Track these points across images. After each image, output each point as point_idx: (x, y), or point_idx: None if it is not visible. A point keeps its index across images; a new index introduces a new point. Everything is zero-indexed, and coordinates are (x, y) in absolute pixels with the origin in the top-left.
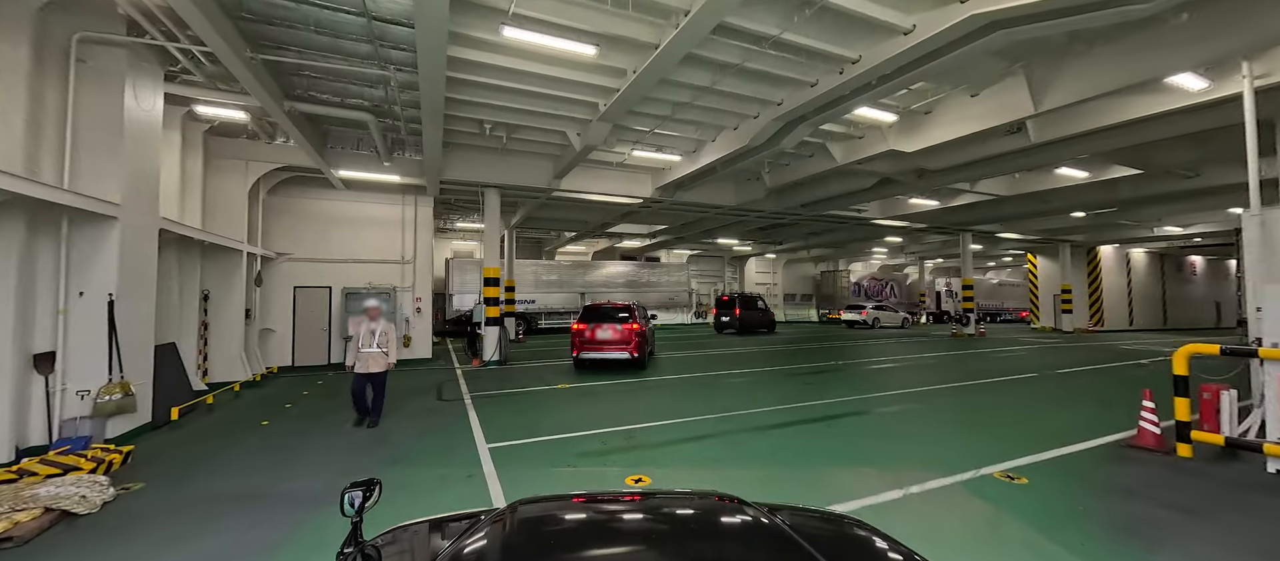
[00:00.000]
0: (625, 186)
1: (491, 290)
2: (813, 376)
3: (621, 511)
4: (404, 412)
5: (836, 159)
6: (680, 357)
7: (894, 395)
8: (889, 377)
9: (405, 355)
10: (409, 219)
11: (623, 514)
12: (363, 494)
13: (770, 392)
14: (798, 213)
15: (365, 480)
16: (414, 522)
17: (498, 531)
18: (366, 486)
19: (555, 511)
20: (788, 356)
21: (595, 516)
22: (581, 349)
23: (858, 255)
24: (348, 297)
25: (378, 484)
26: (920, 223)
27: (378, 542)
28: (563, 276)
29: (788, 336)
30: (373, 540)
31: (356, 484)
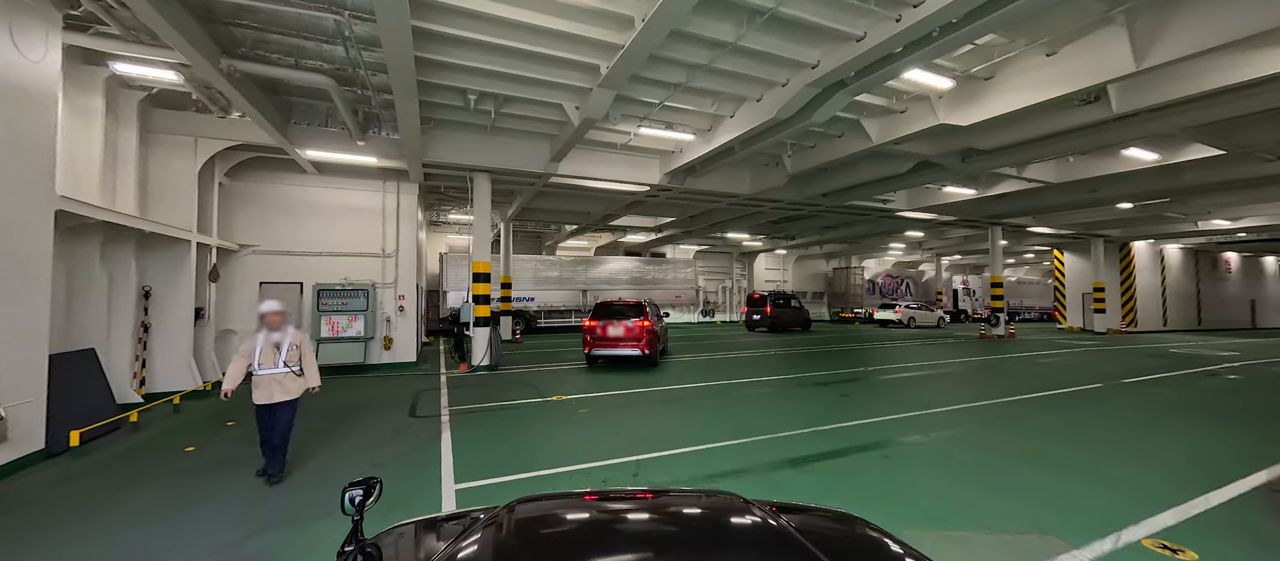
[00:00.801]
0: (631, 172)
1: (482, 287)
2: (847, 385)
3: (622, 510)
4: (360, 435)
5: (872, 138)
6: (697, 362)
7: (948, 413)
8: (933, 388)
9: (387, 359)
10: (391, 208)
11: (623, 512)
12: (363, 492)
13: (803, 408)
14: (817, 203)
15: (366, 478)
16: (414, 521)
17: (497, 531)
18: (367, 485)
19: (555, 510)
20: (816, 360)
21: (595, 515)
22: (593, 346)
23: (872, 251)
24: (320, 295)
25: (378, 482)
26: (949, 215)
27: (378, 541)
28: (564, 273)
29: (816, 337)
30: (373, 539)
31: (357, 482)
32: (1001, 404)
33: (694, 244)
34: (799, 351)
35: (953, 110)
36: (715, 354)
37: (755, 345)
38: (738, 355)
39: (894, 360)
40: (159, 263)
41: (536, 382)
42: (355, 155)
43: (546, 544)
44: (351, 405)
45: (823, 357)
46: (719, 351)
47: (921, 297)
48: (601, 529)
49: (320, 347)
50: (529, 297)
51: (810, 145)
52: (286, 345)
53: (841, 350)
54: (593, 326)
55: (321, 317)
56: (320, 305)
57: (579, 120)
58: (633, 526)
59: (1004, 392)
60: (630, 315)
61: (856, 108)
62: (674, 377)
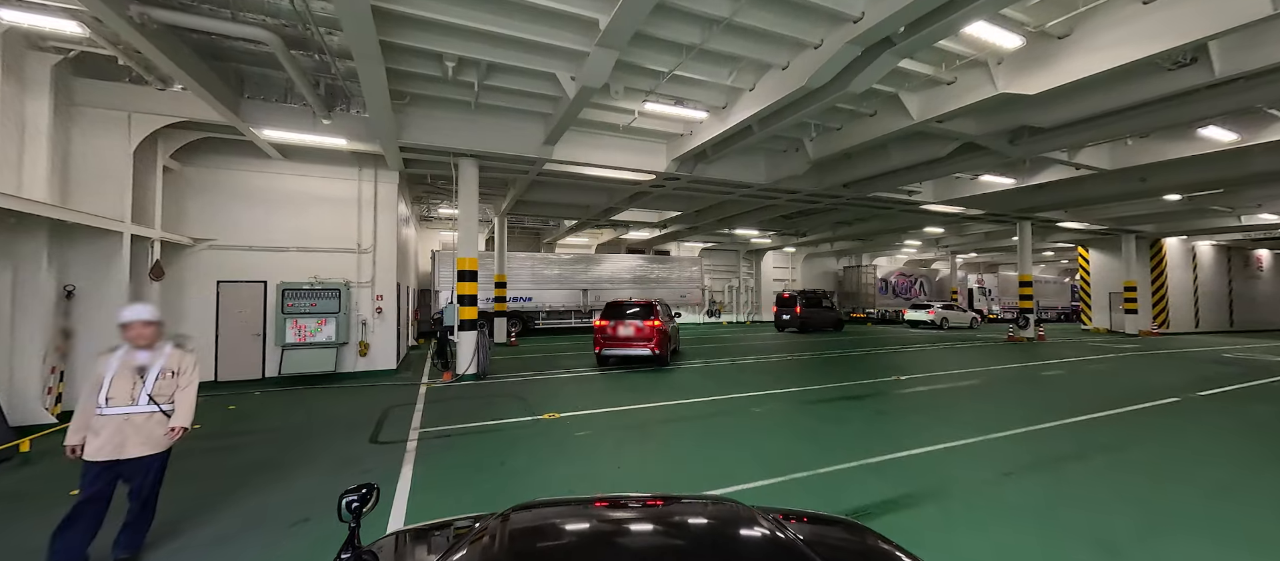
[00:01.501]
0: (635, 158)
1: (468, 286)
2: (885, 399)
3: (621, 517)
4: (298, 471)
5: (912, 115)
6: (712, 369)
7: (1012, 439)
8: (982, 403)
9: (362, 366)
10: (367, 198)
11: (622, 520)
12: (360, 499)
13: (842, 431)
14: (837, 195)
15: (363, 485)
16: (411, 528)
17: (495, 538)
18: (364, 491)
19: (554, 517)
20: (846, 366)
21: (594, 522)
22: (604, 345)
23: (885, 249)
24: (285, 296)
25: (376, 488)
26: (977, 210)
27: (375, 548)
28: (563, 271)
29: (846, 339)
30: (370, 546)
31: (354, 489)
32: (1070, 425)
33: (700, 241)
34: (827, 356)
35: (1016, 76)
36: (733, 358)
37: (777, 347)
38: (758, 360)
39: (928, 366)
40: (84, 259)
41: (528, 395)
42: (321, 136)
43: (544, 551)
44: (304, 426)
45: (853, 363)
46: (737, 356)
47: (936, 297)
48: (601, 536)
49: (285, 355)
50: (526, 297)
51: (836, 127)
52: (155, 371)
53: (872, 354)
54: (603, 326)
55: (287, 321)
56: (285, 307)
57: (575, 91)
58: (633, 534)
59: (1067, 410)
60: (641, 315)
61: (896, 79)
62: (687, 388)
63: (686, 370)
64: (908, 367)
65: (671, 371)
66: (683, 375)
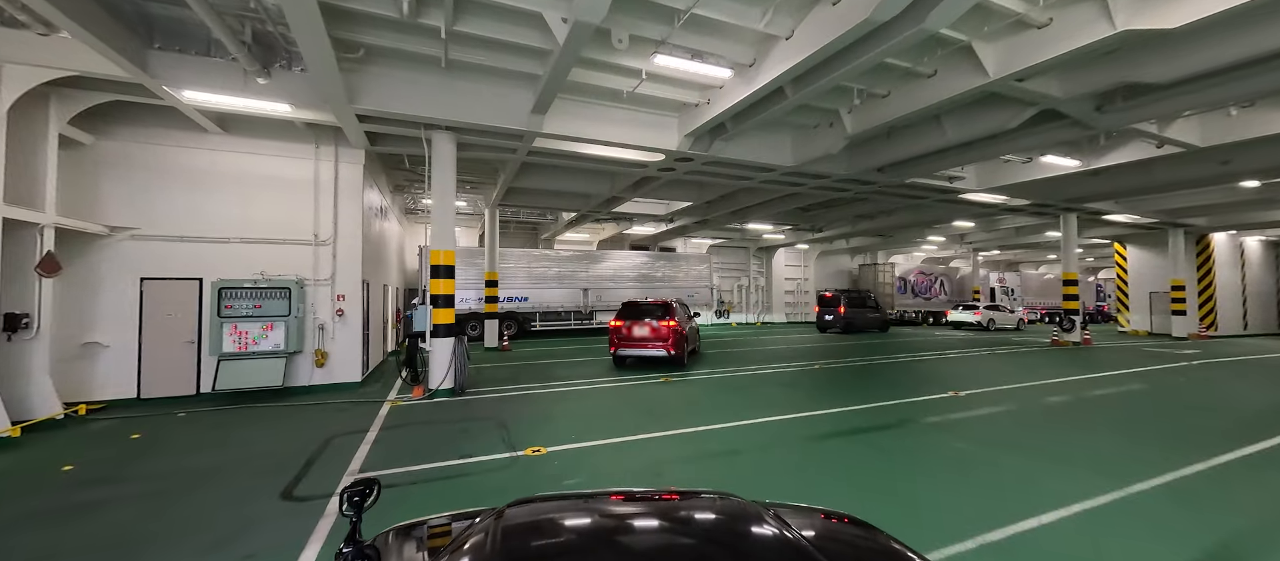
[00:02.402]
0: (642, 133)
1: (443, 284)
2: (959, 432)
3: (620, 511)
4: (161, 552)
5: (987, 70)
6: (738, 380)
7: (1221, 519)
8: (1104, 438)
9: (319, 379)
10: (326, 180)
11: (621, 514)
12: (361, 492)
13: (922, 485)
14: (870, 181)
15: (364, 479)
16: (412, 522)
17: (496, 532)
18: (365, 486)
19: (553, 511)
20: (894, 378)
21: (593, 516)
22: (619, 345)
23: (903, 245)
24: (222, 296)
25: (377, 483)
26: (1022, 198)
27: (376, 542)
28: (562, 269)
29: (891, 342)
30: (371, 540)
31: (355, 482)
32: (1228, 467)
33: (708, 237)
34: (868, 363)
35: (1144, 8)
36: (762, 367)
37: (809, 351)
38: (789, 368)
39: (985, 378)
40: None
41: (512, 418)
42: (257, 100)
43: (545, 545)
44: (208, 469)
45: (900, 372)
46: (765, 364)
47: (956, 295)
48: (600, 531)
49: (221, 367)
50: (521, 297)
51: (882, 93)
52: None
53: (917, 361)
54: (619, 326)
55: (224, 326)
56: (222, 309)
57: (566, 35)
58: (633, 529)
59: (1203, 441)
60: (656, 315)
61: (973, 21)
62: (711, 408)
63: (707, 380)
64: (963, 379)
65: (690, 380)
66: (703, 387)
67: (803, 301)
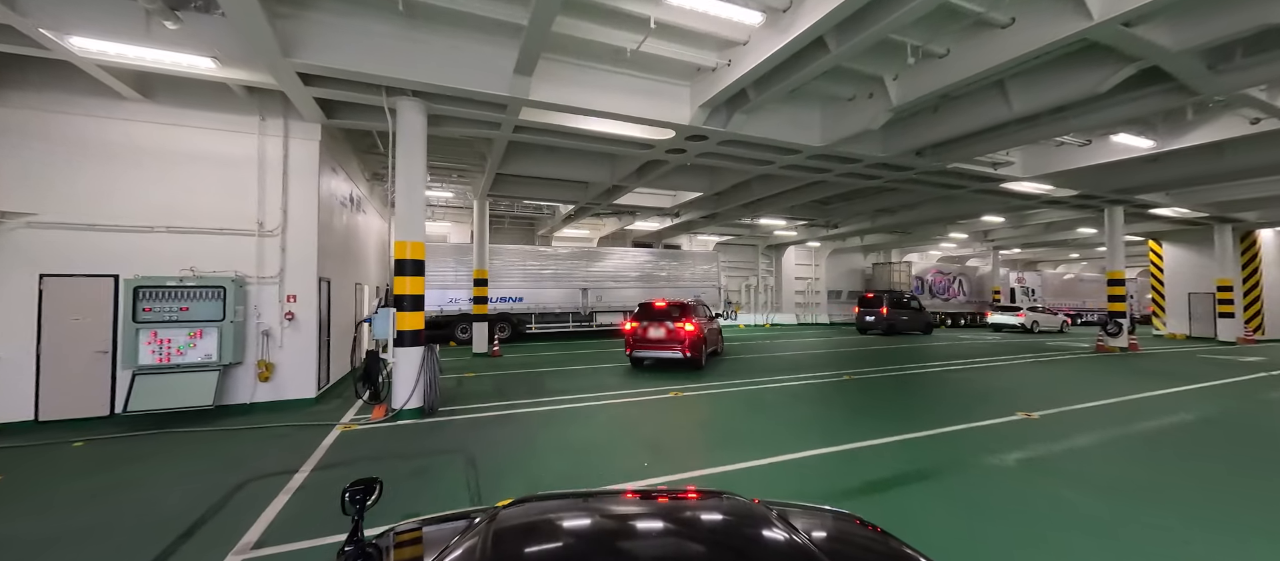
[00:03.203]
0: (648, 104)
1: (409, 283)
2: (1062, 466)
3: (621, 509)
4: None
5: (1092, 12)
6: (767, 394)
7: None
8: (1237, 476)
9: (264, 395)
10: (273, 159)
11: (623, 512)
12: (363, 491)
13: None
14: (906, 166)
15: (366, 478)
16: (415, 521)
17: (498, 529)
18: (367, 485)
19: (556, 509)
20: (941, 391)
21: (595, 515)
22: (635, 347)
23: (921, 243)
24: (138, 296)
25: (378, 482)
26: (1072, 188)
27: (378, 541)
28: (560, 268)
29: (935, 346)
30: (373, 539)
31: (357, 482)
32: None
33: (715, 234)
34: (908, 371)
35: None
36: (784, 377)
37: (839, 358)
38: (818, 378)
39: (1049, 392)
40: None
41: (486, 450)
42: (167, 50)
43: (548, 543)
44: (44, 535)
45: (950, 386)
46: (790, 373)
47: (975, 296)
48: (602, 529)
49: (137, 383)
50: (516, 297)
51: (941, 53)
52: None
53: (961, 370)
54: (635, 328)
55: (140, 334)
56: (140, 312)
57: None
58: (631, 527)
59: None
60: (673, 316)
61: None
62: (724, 438)
63: (724, 395)
64: (1026, 395)
65: (704, 394)
66: (719, 405)
67: (814, 301)
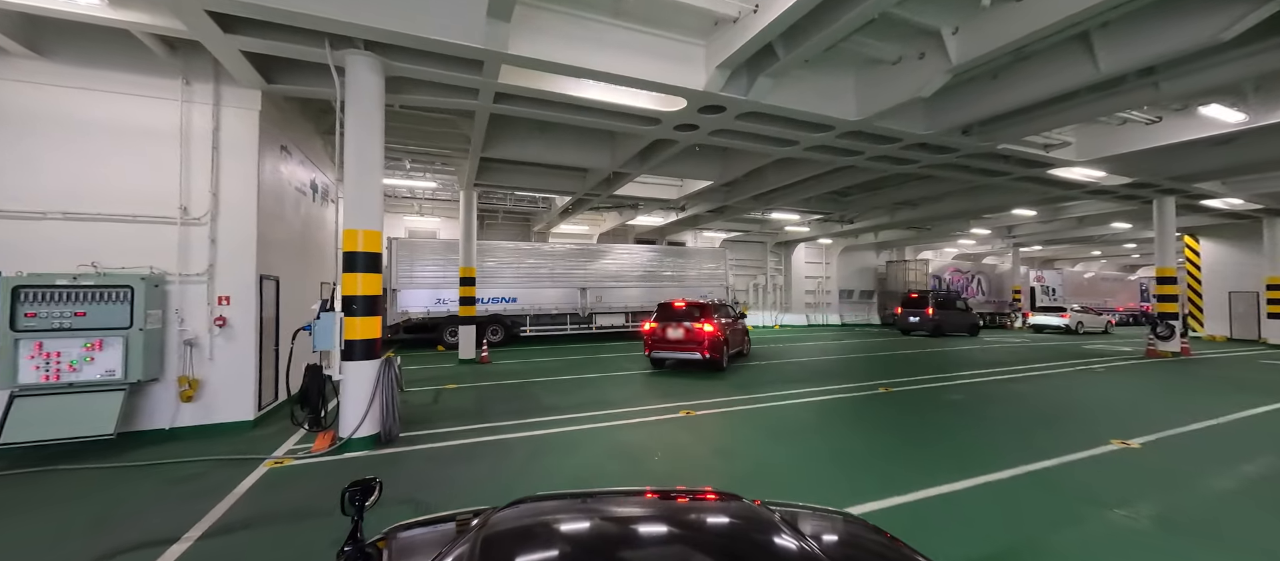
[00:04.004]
0: (655, 66)
1: (361, 282)
2: (1208, 535)
3: (622, 509)
4: None
5: None
6: (804, 412)
7: None
8: None
9: (187, 419)
10: (201, 132)
11: (623, 512)
12: (363, 491)
13: None
14: (951, 147)
15: (365, 479)
16: (414, 521)
17: (498, 528)
18: (366, 485)
19: (556, 509)
20: (1003, 409)
21: (596, 514)
22: (654, 348)
23: (939, 240)
24: (18, 298)
25: (378, 483)
26: (1126, 175)
27: (377, 542)
28: (557, 266)
29: (983, 352)
30: (372, 539)
31: (356, 482)
32: None
33: (721, 230)
34: (954, 382)
35: None
36: (812, 389)
37: (869, 365)
38: (849, 390)
39: (1143, 416)
40: None
41: (444, 498)
42: None
43: (548, 543)
44: None
45: (1012, 404)
46: (818, 384)
47: (995, 295)
48: (603, 530)
49: (14, 407)
50: (509, 298)
51: None
52: None
53: (1016, 381)
54: (654, 328)
55: (20, 345)
56: (21, 318)
57: None
58: (633, 525)
59: None
60: (692, 317)
61: None
62: (743, 478)
63: (745, 415)
64: (1108, 414)
65: (722, 414)
66: (739, 427)
67: (824, 301)
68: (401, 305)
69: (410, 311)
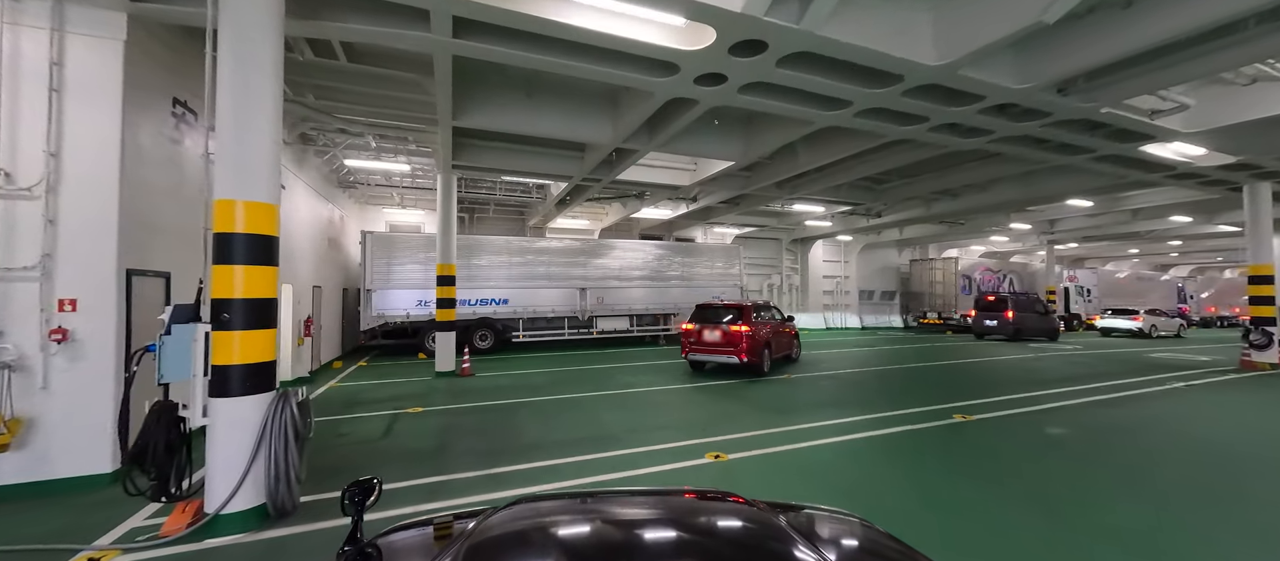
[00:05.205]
0: None
1: (241, 278)
2: None
3: (621, 508)
4: None
5: None
6: (845, 456)
7: None
8: None
9: (11, 474)
10: (30, 65)
11: (622, 511)
12: (362, 492)
13: None
14: (1043, 111)
15: (365, 479)
16: (414, 521)
17: (498, 529)
18: (365, 485)
19: (555, 509)
20: (1132, 443)
21: (594, 516)
22: (691, 350)
23: (965, 237)
24: None
25: (378, 483)
26: (1234, 153)
27: (377, 541)
28: (553, 264)
29: (1073, 361)
30: (372, 539)
31: (356, 482)
32: None
33: (734, 226)
34: (1043, 404)
35: None
36: (876, 419)
37: (934, 377)
38: (927, 418)
39: None
40: None
41: None
42: None
43: (548, 541)
44: None
45: (1142, 436)
46: (881, 409)
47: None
48: (599, 529)
49: None
50: (500, 300)
51: None
52: None
53: (1121, 400)
54: (691, 330)
55: None
56: None
57: None
58: (633, 523)
59: None
60: (730, 319)
61: None
62: None
63: (806, 456)
64: (1268, 456)
65: (775, 455)
66: (803, 477)
67: (842, 302)
68: (377, 308)
69: (386, 315)
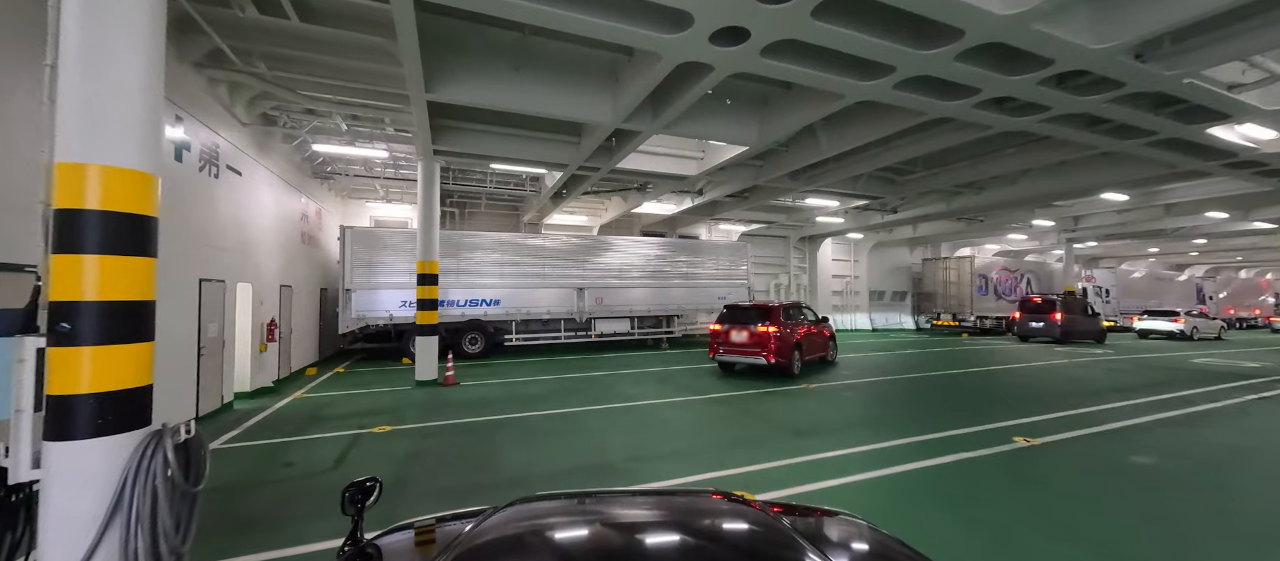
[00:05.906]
0: None
1: (95, 272)
2: None
3: (620, 509)
4: None
5: None
6: (917, 499)
7: None
8: None
9: None
10: None
11: (621, 511)
12: (362, 491)
13: None
14: (1117, 81)
15: (365, 479)
16: (414, 521)
17: (498, 529)
18: (365, 486)
19: (554, 509)
20: (1216, 467)
21: (594, 514)
22: (718, 351)
23: (980, 235)
24: None
25: (378, 482)
26: None
27: (378, 540)
28: (550, 262)
29: (1122, 366)
30: (372, 538)
31: (356, 482)
32: None
33: (740, 222)
34: (1126, 421)
35: None
36: (925, 444)
37: (978, 385)
38: (984, 442)
39: None
40: None
41: None
42: None
43: (547, 541)
44: None
45: (1218, 453)
46: (928, 430)
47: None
48: (598, 529)
49: None
50: (491, 300)
51: None
52: None
53: (1201, 415)
54: (718, 331)
55: None
56: None
57: None
58: (631, 523)
59: None
60: (758, 319)
61: None
62: None
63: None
64: None
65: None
66: None
67: (852, 302)
68: (357, 309)
69: (368, 317)
